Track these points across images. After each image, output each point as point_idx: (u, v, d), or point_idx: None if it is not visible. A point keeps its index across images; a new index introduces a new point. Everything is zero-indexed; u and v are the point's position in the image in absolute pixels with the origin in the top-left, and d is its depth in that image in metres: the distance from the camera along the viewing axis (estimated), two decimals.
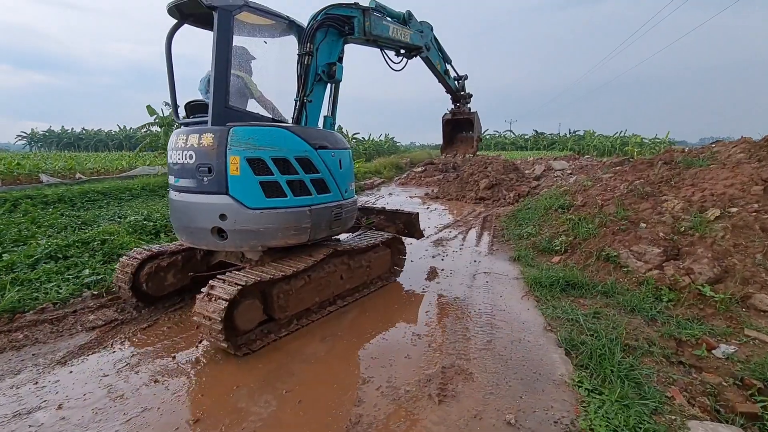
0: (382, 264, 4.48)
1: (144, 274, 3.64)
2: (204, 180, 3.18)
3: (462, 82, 7.19)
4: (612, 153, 45.92)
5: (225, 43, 3.13)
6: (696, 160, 6.43)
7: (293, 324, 3.41)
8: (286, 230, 3.28)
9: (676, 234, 4.77)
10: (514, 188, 11.34)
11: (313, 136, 3.51)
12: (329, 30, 3.81)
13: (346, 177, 3.88)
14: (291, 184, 3.28)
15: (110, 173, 19.02)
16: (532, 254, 5.40)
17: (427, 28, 5.54)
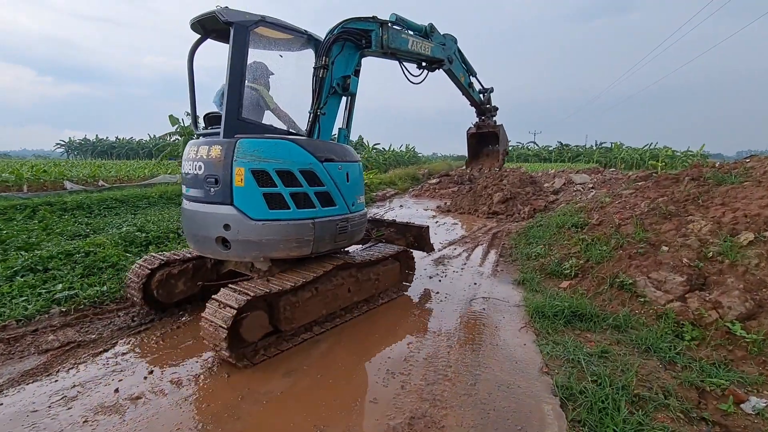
0: (391, 277, 4.42)
1: (155, 281, 3.68)
2: (211, 190, 3.26)
3: (487, 94, 6.94)
4: (640, 166, 44.17)
5: (239, 57, 3.24)
6: (727, 176, 5.81)
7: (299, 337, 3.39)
8: (288, 242, 3.28)
9: (703, 260, 4.22)
10: (530, 203, 10.78)
11: (319, 148, 3.49)
12: (346, 43, 3.85)
13: (354, 190, 3.83)
14: (295, 197, 3.29)
15: (132, 181, 19.55)
16: (539, 278, 4.92)
17: (450, 40, 5.41)
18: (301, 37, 3.77)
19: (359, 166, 4.01)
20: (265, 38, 3.64)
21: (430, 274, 5.29)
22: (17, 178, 15.46)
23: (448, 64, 5.41)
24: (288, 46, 3.96)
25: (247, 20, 3.24)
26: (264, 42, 3.69)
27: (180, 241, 6.38)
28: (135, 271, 3.78)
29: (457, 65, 5.70)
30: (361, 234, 4.13)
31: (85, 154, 67.80)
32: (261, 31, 3.46)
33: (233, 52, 3.21)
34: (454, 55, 5.60)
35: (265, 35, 3.60)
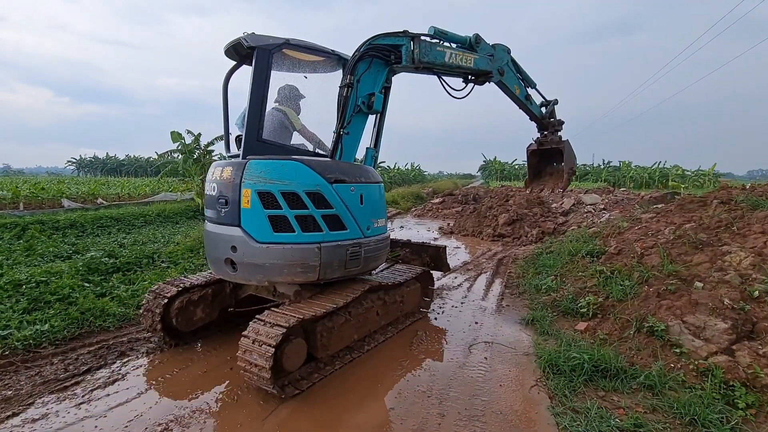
0: (414, 300, 4.36)
1: (175, 309, 3.50)
2: (222, 212, 3.27)
3: (551, 107, 6.37)
4: (650, 185, 43.34)
5: (261, 80, 3.27)
6: (762, 200, 5.16)
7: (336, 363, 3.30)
8: (292, 267, 3.14)
9: (748, 301, 3.54)
10: (538, 224, 10.12)
11: (329, 169, 3.34)
12: (373, 60, 3.72)
13: (370, 213, 3.64)
14: (300, 219, 3.17)
15: (133, 199, 19.24)
16: (551, 317, 4.25)
17: (501, 51, 5.08)
18: (330, 57, 3.74)
19: (379, 187, 3.84)
20: (293, 60, 3.67)
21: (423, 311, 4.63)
22: (14, 195, 15.18)
23: (499, 76, 5.06)
24: (318, 68, 3.95)
25: (270, 44, 3.28)
26: (293, 64, 3.72)
27: (154, 268, 5.83)
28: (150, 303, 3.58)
29: (510, 77, 5.28)
30: (380, 260, 3.89)
31: (95, 172, 68.61)
32: (289, 53, 3.50)
33: (254, 74, 3.26)
34: (506, 67, 5.20)
35: (294, 57, 3.62)
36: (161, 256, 6.39)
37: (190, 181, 14.23)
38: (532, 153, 7.37)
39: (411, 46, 3.88)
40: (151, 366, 3.30)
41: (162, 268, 5.83)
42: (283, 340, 2.71)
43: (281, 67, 3.62)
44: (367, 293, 3.59)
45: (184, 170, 14.19)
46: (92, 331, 3.89)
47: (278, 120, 3.73)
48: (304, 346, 2.95)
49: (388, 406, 2.73)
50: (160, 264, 6.02)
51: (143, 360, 3.40)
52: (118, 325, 4.04)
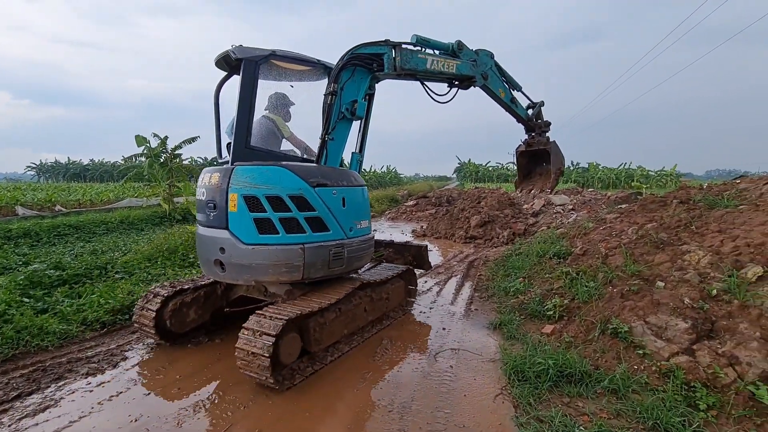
0: (398, 296, 4.54)
1: (168, 311, 3.58)
2: (210, 215, 3.42)
3: (537, 109, 6.42)
4: (617, 186, 44.99)
5: (248, 90, 3.42)
6: (719, 199, 5.31)
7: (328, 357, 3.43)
8: (277, 267, 3.29)
9: (707, 300, 3.58)
10: (509, 226, 10.19)
11: (311, 173, 3.48)
12: (356, 69, 3.88)
13: (352, 215, 3.78)
14: (284, 222, 3.31)
15: (95, 205, 18.28)
16: (518, 320, 4.19)
17: (485, 56, 5.18)
18: (315, 66, 3.89)
19: (362, 190, 3.98)
20: (280, 70, 3.83)
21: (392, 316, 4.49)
22: None
23: (482, 80, 5.19)
24: (304, 77, 4.10)
25: (256, 55, 3.44)
26: (279, 74, 3.88)
27: (106, 279, 5.46)
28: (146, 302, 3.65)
29: (494, 81, 5.44)
30: (363, 260, 4.03)
31: (57, 177, 65.29)
32: (275, 63, 3.66)
33: (242, 85, 3.41)
34: (490, 71, 5.35)
35: (280, 67, 3.78)
36: (115, 267, 6.00)
37: (157, 186, 13.63)
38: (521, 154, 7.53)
39: (392, 54, 4.03)
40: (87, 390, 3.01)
41: (115, 279, 5.46)
42: (282, 332, 2.84)
43: (268, 77, 3.76)
44: (356, 290, 3.75)
45: (150, 175, 13.59)
46: (28, 352, 3.55)
47: (267, 128, 3.86)
48: (298, 340, 3.11)
49: (346, 425, 2.57)
50: (114, 275, 5.65)
51: (82, 383, 3.10)
52: (58, 345, 3.70)
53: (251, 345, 2.81)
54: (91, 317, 4.11)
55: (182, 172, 14.41)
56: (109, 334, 4.01)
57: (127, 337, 3.94)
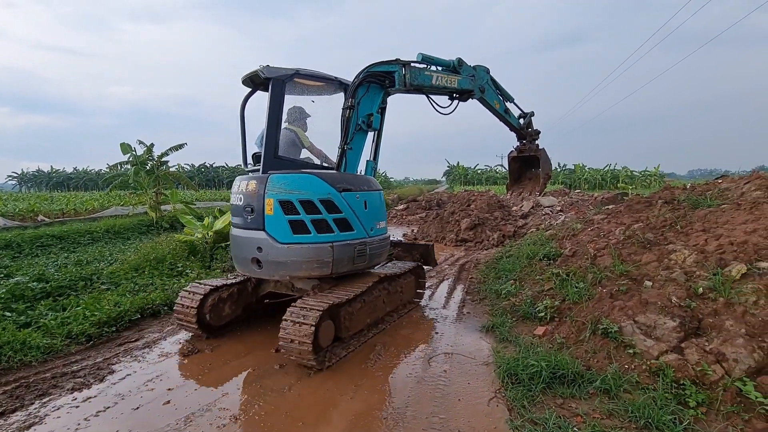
0: (410, 290, 4.96)
1: (207, 306, 3.92)
2: (248, 218, 3.79)
3: (528, 119, 6.98)
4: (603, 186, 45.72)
5: (276, 106, 3.79)
6: (702, 199, 5.43)
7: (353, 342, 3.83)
8: (310, 263, 3.67)
9: (694, 298, 3.64)
10: (499, 228, 10.28)
11: (337, 180, 3.89)
12: (370, 85, 4.27)
13: (372, 216, 4.18)
14: (315, 223, 3.69)
15: (79, 214, 17.89)
16: (511, 322, 4.21)
17: (482, 71, 5.67)
18: (333, 83, 4.28)
19: (380, 194, 4.40)
20: (302, 86, 4.24)
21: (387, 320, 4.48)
22: None
23: (480, 93, 5.62)
24: (323, 92, 4.50)
25: (282, 75, 3.79)
26: (301, 90, 4.32)
27: (92, 291, 5.34)
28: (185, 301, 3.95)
29: (489, 94, 5.88)
30: (382, 257, 4.45)
31: (40, 186, 63.81)
32: (298, 81, 4.04)
33: (270, 102, 3.77)
34: (487, 85, 5.79)
35: (302, 84, 4.17)
36: (101, 277, 5.88)
37: (143, 193, 13.41)
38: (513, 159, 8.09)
39: (402, 72, 4.38)
40: (73, 406, 2.93)
41: (101, 290, 5.34)
42: (320, 319, 3.21)
43: (292, 92, 4.15)
44: (376, 284, 4.12)
45: (136, 183, 13.36)
46: (10, 368, 3.44)
47: (290, 139, 4.23)
48: (332, 326, 3.51)
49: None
50: (99, 286, 5.53)
51: (67, 398, 3.02)
52: (41, 359, 3.60)
53: (294, 332, 3.17)
54: (77, 330, 4.01)
55: (169, 180, 14.22)
56: (95, 347, 3.92)
57: (114, 349, 3.85)
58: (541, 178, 7.32)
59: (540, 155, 7.09)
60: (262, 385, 3.14)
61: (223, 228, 7.40)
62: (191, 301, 3.87)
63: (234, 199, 4.00)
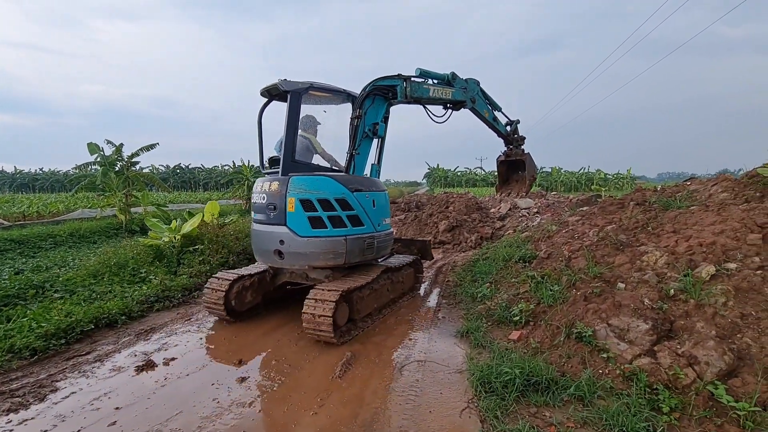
0: (410, 281, 5.50)
1: (233, 293, 4.40)
2: (271, 215, 4.26)
3: (514, 126, 7.65)
4: (578, 188, 46.88)
5: (293, 116, 4.23)
6: (672, 200, 5.50)
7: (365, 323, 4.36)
8: (326, 254, 4.16)
9: (665, 300, 3.63)
10: (477, 230, 10.27)
11: (350, 181, 4.38)
12: (376, 98, 4.76)
13: (379, 214, 4.72)
14: (331, 219, 4.17)
15: (43, 217, 16.96)
16: (486, 327, 4.12)
17: (473, 83, 6.20)
18: (341, 94, 4.75)
19: (385, 194, 4.92)
20: (315, 98, 4.71)
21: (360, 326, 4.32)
22: None
23: (471, 104, 6.11)
24: (332, 102, 4.98)
25: (299, 88, 4.27)
26: (314, 101, 4.80)
27: (43, 299, 4.96)
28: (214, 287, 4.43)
29: (480, 104, 6.37)
30: (387, 249, 5.00)
31: (2, 188, 60.59)
32: (312, 93, 4.48)
33: (289, 112, 4.20)
34: (477, 96, 6.32)
35: (315, 95, 4.63)
36: (55, 285, 5.49)
37: (112, 195, 12.78)
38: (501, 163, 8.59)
39: (404, 86, 4.87)
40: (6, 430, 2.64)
41: (53, 299, 4.98)
42: (338, 300, 3.71)
43: (305, 103, 4.53)
44: (382, 273, 4.62)
45: (104, 184, 12.73)
46: None
47: (304, 145, 4.66)
48: (347, 309, 4.01)
49: None
50: (52, 294, 5.15)
51: (1, 421, 2.72)
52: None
53: (316, 311, 3.65)
54: (20, 344, 3.67)
55: (140, 181, 13.64)
56: (39, 362, 3.60)
57: (61, 364, 3.55)
58: (527, 180, 7.84)
59: (525, 159, 7.68)
60: (221, 401, 2.93)
61: (191, 231, 7.08)
62: (220, 286, 4.35)
63: (256, 198, 4.49)
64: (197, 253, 6.78)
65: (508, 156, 7.89)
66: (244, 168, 19.82)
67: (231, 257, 6.91)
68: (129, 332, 4.30)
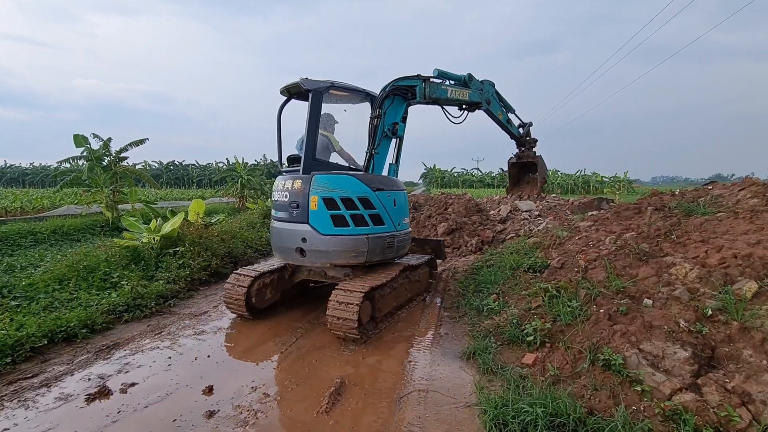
0: (425, 279, 5.45)
1: (254, 290, 4.38)
2: (293, 213, 4.28)
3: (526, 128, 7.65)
4: (575, 191, 46.67)
5: (315, 114, 4.26)
6: (694, 206, 5.05)
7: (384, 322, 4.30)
8: (348, 252, 4.17)
9: (703, 321, 3.17)
10: (477, 233, 9.77)
11: (372, 180, 4.37)
12: (395, 97, 4.75)
13: (400, 213, 4.69)
14: (353, 218, 4.18)
15: (26, 213, 16.26)
16: (495, 347, 3.63)
17: (488, 85, 6.22)
18: (360, 94, 4.72)
19: (404, 194, 4.88)
20: (335, 96, 4.69)
21: (351, 347, 3.82)
22: None
23: (486, 105, 6.13)
24: (351, 101, 4.97)
25: (321, 87, 4.23)
26: (334, 99, 4.79)
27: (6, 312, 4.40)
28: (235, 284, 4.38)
29: (495, 105, 6.44)
30: (405, 249, 4.96)
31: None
32: (333, 92, 4.47)
33: (311, 110, 4.19)
34: (492, 97, 6.33)
35: (335, 94, 4.61)
36: (15, 290, 4.93)
37: (98, 191, 12.14)
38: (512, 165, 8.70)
39: (423, 86, 4.92)
40: None
41: (9, 307, 4.42)
42: (362, 299, 3.68)
43: (326, 101, 4.51)
44: (401, 272, 4.60)
45: (90, 179, 12.09)
46: None
47: (323, 143, 4.62)
48: (369, 306, 3.97)
49: None
50: (9, 302, 4.59)
51: None
52: None
53: (341, 311, 3.62)
54: None
55: (128, 177, 13.02)
56: None
57: (0, 390, 3.01)
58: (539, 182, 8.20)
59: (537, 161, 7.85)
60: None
61: (171, 232, 6.54)
62: (241, 286, 4.29)
63: (278, 196, 4.45)
64: (177, 256, 6.25)
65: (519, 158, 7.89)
66: (237, 165, 19.23)
67: (214, 261, 6.38)
68: (88, 349, 3.77)
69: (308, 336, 4.07)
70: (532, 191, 8.24)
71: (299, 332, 4.17)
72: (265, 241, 9.13)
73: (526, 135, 7.66)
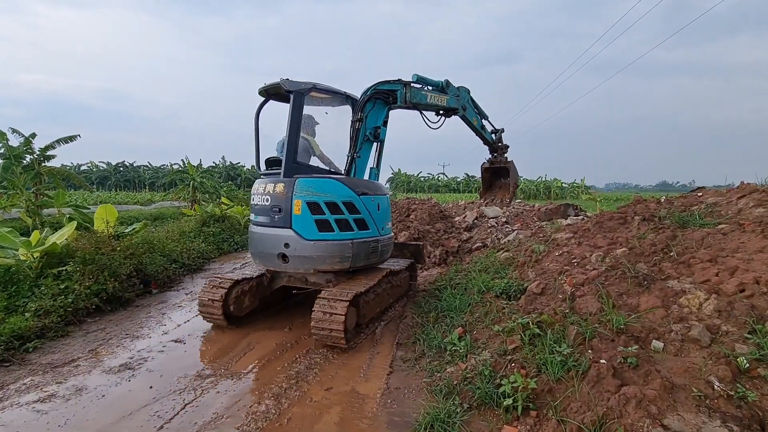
0: (405, 284, 5.45)
1: (232, 298, 4.25)
2: (275, 217, 4.16)
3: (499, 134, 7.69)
4: (537, 196, 47.65)
5: (297, 116, 4.17)
6: (689, 216, 4.32)
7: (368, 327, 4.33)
8: (333, 258, 4.10)
9: (740, 377, 2.31)
10: (442, 243, 8.87)
11: (357, 185, 4.39)
12: (377, 101, 4.81)
13: (383, 218, 4.69)
14: (338, 222, 4.13)
15: None
16: (460, 413, 2.62)
17: (464, 91, 6.32)
18: (341, 96, 4.67)
19: (387, 198, 4.93)
20: (316, 99, 4.66)
21: (256, 412, 2.69)
22: None
23: (462, 111, 6.22)
24: (331, 103, 4.88)
25: (303, 88, 4.18)
26: (316, 102, 4.74)
27: None
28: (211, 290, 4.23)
29: (470, 112, 6.50)
30: (388, 254, 4.95)
31: None
32: (314, 94, 4.43)
33: (292, 112, 4.13)
34: (468, 104, 6.41)
35: (317, 97, 4.58)
36: None
37: (16, 194, 10.20)
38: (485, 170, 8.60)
39: (404, 91, 5.00)
40: None
41: None
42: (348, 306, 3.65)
43: (306, 103, 4.34)
44: (384, 277, 4.53)
45: (7, 180, 10.14)
46: None
47: (304, 146, 4.53)
48: (355, 312, 3.96)
49: None
50: None
51: None
52: None
53: (326, 318, 3.58)
54: None
55: (55, 178, 11.14)
56: None
57: None
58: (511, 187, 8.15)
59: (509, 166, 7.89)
60: None
61: (53, 247, 5.12)
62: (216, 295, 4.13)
63: (258, 200, 4.30)
64: (61, 278, 4.86)
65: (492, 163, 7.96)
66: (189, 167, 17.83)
67: (111, 283, 5.03)
68: None
69: None
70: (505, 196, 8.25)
71: None
72: (195, 253, 7.78)
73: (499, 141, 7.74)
